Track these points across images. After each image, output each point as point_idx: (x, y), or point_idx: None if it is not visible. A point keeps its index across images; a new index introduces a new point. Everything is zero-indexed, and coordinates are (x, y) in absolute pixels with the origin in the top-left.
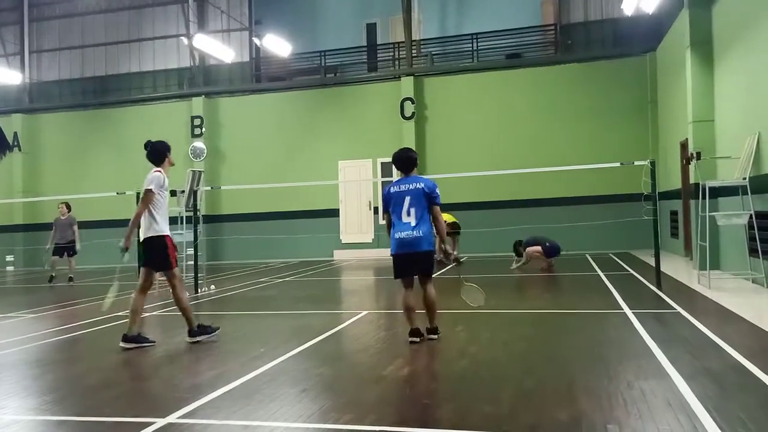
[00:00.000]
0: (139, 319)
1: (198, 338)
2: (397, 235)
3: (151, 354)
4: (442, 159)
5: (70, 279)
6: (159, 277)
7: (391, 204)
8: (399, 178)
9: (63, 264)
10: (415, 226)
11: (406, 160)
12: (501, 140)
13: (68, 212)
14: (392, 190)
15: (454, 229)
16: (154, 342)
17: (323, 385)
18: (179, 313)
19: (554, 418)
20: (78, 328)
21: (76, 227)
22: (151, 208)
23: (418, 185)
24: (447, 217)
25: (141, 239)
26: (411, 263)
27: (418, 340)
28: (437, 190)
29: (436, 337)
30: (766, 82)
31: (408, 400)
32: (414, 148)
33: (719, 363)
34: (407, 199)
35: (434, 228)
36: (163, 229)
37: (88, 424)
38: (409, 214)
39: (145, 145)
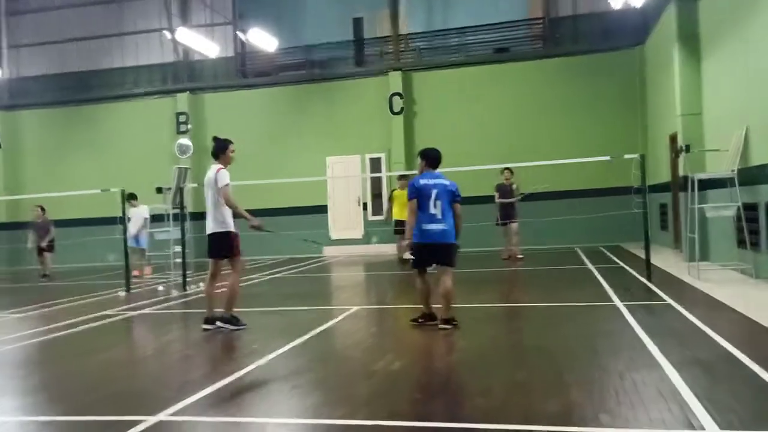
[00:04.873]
0: (213, 304)
1: (225, 325)
2: (423, 226)
3: (141, 352)
4: None
5: (46, 276)
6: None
7: (418, 194)
8: (425, 171)
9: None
10: (441, 219)
11: (438, 158)
12: (490, 135)
13: (43, 214)
14: (421, 182)
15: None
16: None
17: (315, 381)
18: (169, 311)
19: (546, 410)
20: (64, 327)
21: (52, 228)
22: (222, 204)
23: (444, 182)
24: None
25: (209, 233)
26: (434, 254)
27: (437, 322)
28: (459, 191)
29: (449, 327)
30: (753, 75)
31: (400, 394)
32: (403, 144)
33: (709, 353)
34: (434, 192)
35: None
36: (232, 224)
37: (77, 424)
38: (435, 207)
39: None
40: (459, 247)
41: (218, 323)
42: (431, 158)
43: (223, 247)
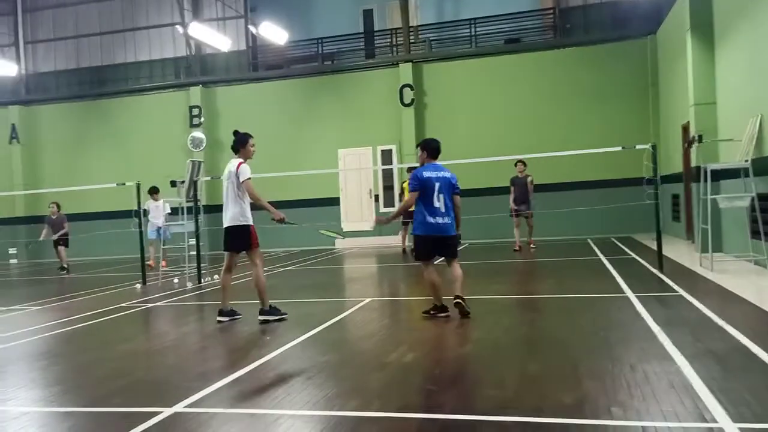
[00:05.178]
0: (228, 295)
1: (267, 317)
2: (428, 219)
3: (158, 344)
4: (442, 145)
5: (64, 269)
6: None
7: (422, 187)
8: (426, 163)
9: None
10: (445, 213)
11: (438, 148)
12: (501, 126)
13: (58, 211)
14: (425, 174)
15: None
16: (241, 315)
17: (328, 373)
18: (184, 303)
19: (558, 401)
20: (83, 319)
21: (66, 223)
22: (241, 197)
23: (445, 174)
24: None
25: (227, 226)
26: (439, 246)
27: (448, 314)
28: (458, 182)
29: (463, 303)
30: (767, 64)
31: (413, 386)
32: (414, 135)
33: (722, 344)
34: (437, 186)
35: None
36: (250, 218)
37: (96, 415)
38: (438, 200)
39: (233, 133)
40: (460, 237)
41: (260, 318)
42: (432, 149)
43: (242, 240)
